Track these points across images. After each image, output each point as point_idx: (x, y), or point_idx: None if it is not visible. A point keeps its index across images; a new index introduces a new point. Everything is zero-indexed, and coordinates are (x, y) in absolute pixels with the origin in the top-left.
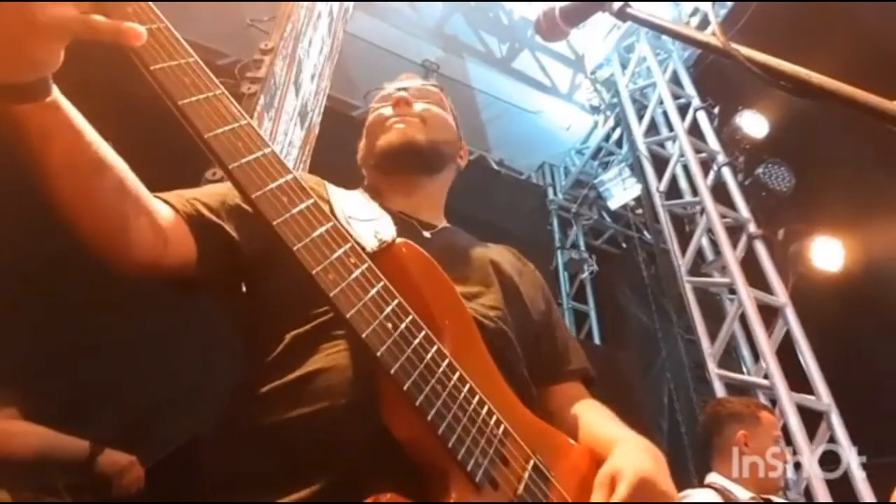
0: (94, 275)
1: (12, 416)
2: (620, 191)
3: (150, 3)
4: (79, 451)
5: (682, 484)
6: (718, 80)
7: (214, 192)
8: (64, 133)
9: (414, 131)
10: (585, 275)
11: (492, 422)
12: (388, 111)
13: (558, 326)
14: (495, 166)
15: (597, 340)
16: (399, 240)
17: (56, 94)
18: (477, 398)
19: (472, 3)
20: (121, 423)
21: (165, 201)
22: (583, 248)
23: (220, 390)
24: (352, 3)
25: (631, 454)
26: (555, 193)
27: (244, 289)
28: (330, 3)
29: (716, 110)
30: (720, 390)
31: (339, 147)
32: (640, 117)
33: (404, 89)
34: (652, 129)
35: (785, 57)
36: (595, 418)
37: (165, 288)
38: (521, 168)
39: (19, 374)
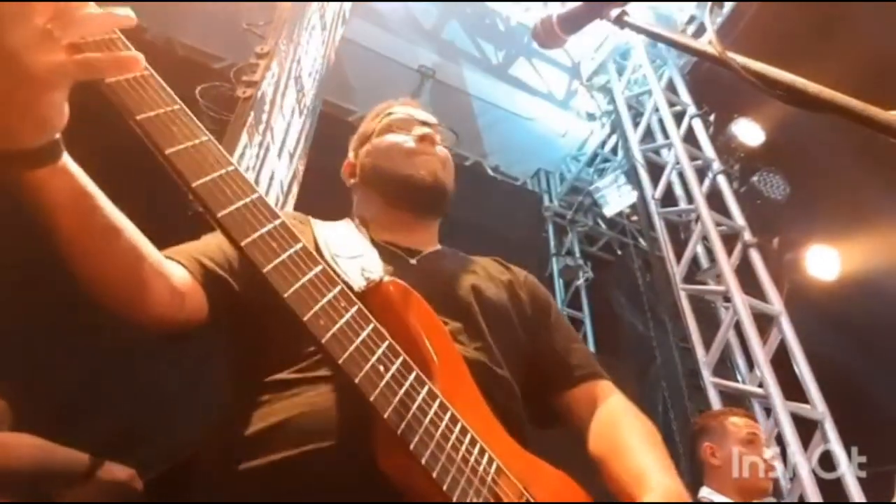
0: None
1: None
2: (616, 198)
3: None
4: (78, 463)
5: None
6: (714, 88)
7: (215, 245)
8: (76, 198)
9: (442, 173)
10: (580, 282)
11: (484, 460)
12: (410, 143)
13: (559, 330)
14: (491, 172)
15: (591, 348)
16: (387, 278)
17: (66, 158)
18: (469, 437)
19: (469, 10)
20: (117, 437)
21: (176, 261)
22: (578, 254)
23: (221, 404)
24: (348, 5)
25: None
26: (550, 200)
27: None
28: (325, 3)
29: (711, 118)
30: (715, 399)
31: (335, 151)
32: (636, 124)
33: (427, 124)
34: (647, 136)
35: (781, 66)
36: (625, 441)
37: (177, 338)
38: (517, 174)
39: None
